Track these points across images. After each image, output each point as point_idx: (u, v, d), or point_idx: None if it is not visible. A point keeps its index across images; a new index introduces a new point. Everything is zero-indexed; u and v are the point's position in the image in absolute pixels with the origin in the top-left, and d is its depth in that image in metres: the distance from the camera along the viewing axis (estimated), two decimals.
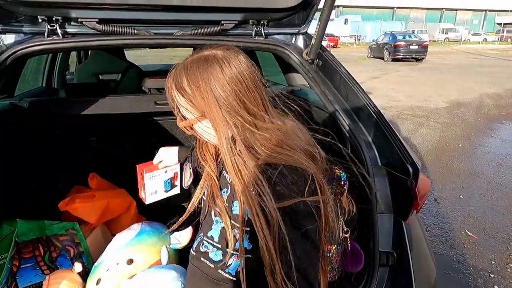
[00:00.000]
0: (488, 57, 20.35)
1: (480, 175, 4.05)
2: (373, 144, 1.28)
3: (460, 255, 2.61)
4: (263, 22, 1.45)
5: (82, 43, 1.31)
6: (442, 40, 38.51)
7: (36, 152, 1.89)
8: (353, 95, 1.37)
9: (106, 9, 1.28)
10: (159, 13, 1.36)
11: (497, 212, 3.23)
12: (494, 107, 7.55)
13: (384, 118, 1.27)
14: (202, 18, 1.39)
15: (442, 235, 2.87)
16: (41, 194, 1.81)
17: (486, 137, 5.48)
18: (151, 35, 1.35)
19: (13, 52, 1.21)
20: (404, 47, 17.55)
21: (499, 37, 39.39)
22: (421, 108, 7.43)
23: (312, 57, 1.43)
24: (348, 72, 1.43)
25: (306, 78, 1.47)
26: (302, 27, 1.52)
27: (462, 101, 8.13)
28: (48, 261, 1.46)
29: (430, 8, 49.59)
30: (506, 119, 6.53)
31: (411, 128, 5.94)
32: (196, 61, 0.79)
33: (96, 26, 1.28)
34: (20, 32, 1.27)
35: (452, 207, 3.31)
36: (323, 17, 1.30)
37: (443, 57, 20.30)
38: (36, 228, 1.49)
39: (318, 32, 1.35)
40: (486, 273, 2.42)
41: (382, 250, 1.11)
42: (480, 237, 2.85)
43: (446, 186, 3.77)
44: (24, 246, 1.44)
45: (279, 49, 1.47)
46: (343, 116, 1.34)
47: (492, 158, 4.60)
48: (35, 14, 1.22)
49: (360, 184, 1.12)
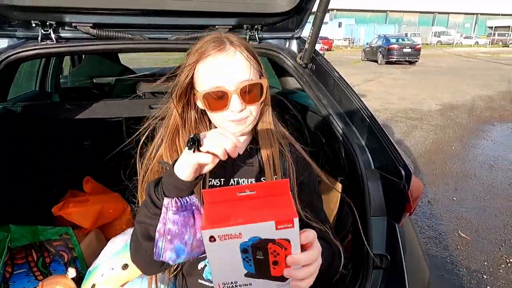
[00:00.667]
0: (480, 60, 20.62)
1: (473, 177, 4.09)
2: (366, 148, 1.29)
3: (454, 257, 2.63)
4: (257, 26, 1.46)
5: (76, 48, 1.30)
6: (435, 43, 38.97)
7: (30, 154, 1.88)
8: (346, 99, 1.39)
9: (100, 13, 1.28)
10: (153, 18, 1.36)
11: (490, 213, 3.27)
12: (486, 109, 7.64)
13: (377, 121, 1.29)
14: (197, 22, 1.39)
15: (435, 236, 2.90)
16: (40, 194, 1.80)
17: (479, 139, 5.54)
18: (145, 40, 1.35)
19: (7, 57, 1.20)
20: (397, 50, 17.74)
21: (490, 40, 39.92)
22: (414, 110, 7.50)
23: (305, 61, 1.44)
24: (341, 76, 1.44)
25: (300, 82, 1.48)
26: (295, 32, 1.53)
27: (455, 103, 8.22)
28: (42, 266, 1.45)
29: (423, 11, 50.20)
30: (498, 121, 6.61)
31: (405, 130, 5.99)
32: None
33: (90, 31, 1.28)
34: (13, 36, 1.26)
35: (445, 209, 3.34)
36: (317, 21, 1.31)
37: (436, 60, 20.51)
38: (29, 233, 1.48)
39: (311, 37, 1.36)
40: (479, 274, 2.45)
41: (375, 252, 1.12)
42: (473, 238, 2.88)
43: (439, 188, 3.80)
44: (17, 252, 1.43)
45: (273, 54, 1.48)
46: (336, 119, 1.35)
47: (484, 160, 4.65)
48: (28, 18, 1.22)
49: (353, 186, 1.13)
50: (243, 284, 0.61)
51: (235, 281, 0.60)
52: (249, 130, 0.90)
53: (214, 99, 0.81)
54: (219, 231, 0.55)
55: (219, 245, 0.56)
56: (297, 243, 0.58)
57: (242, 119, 0.85)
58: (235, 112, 0.82)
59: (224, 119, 0.85)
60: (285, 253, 0.58)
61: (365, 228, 1.14)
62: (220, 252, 0.57)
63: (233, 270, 0.59)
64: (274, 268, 0.59)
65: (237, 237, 0.55)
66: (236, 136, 0.88)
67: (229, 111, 0.82)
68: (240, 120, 0.84)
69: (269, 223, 0.55)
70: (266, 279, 0.61)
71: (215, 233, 0.55)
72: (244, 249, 0.57)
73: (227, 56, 0.82)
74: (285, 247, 0.57)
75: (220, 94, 0.81)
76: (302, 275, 0.60)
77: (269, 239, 0.56)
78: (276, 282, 0.61)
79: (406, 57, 17.89)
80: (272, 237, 0.56)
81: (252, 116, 0.87)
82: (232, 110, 0.82)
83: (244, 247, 0.57)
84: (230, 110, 0.82)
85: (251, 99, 0.83)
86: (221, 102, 0.81)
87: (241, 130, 0.87)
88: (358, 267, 1.15)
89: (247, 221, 0.55)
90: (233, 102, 0.81)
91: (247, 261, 0.59)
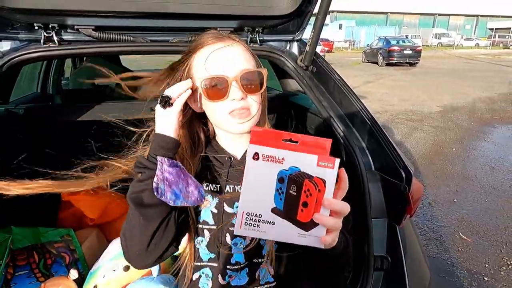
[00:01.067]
0: (481, 62, 20.62)
1: (474, 179, 4.09)
2: (366, 150, 1.30)
3: (454, 258, 2.63)
4: (258, 29, 1.46)
5: (78, 50, 1.31)
6: (435, 45, 38.98)
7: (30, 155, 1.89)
8: (347, 101, 1.39)
9: (102, 16, 1.29)
10: (155, 20, 1.37)
11: (491, 215, 3.27)
12: (487, 111, 7.64)
13: (378, 123, 1.29)
14: (198, 25, 1.40)
15: (436, 238, 2.90)
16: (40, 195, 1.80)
17: (479, 141, 5.54)
18: (147, 42, 1.36)
19: (9, 59, 1.21)
20: (398, 52, 17.75)
21: (491, 42, 39.93)
22: (415, 112, 7.50)
23: (306, 63, 1.45)
24: (341, 78, 1.45)
25: (301, 84, 1.48)
26: (296, 34, 1.54)
27: (456, 105, 8.23)
28: (43, 268, 1.46)
29: (423, 13, 50.25)
30: (498, 123, 6.61)
31: (405, 132, 5.99)
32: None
33: (92, 34, 1.29)
34: (16, 39, 1.27)
35: (446, 211, 3.34)
36: (317, 24, 1.32)
37: (437, 62, 20.53)
38: (31, 235, 1.48)
39: (312, 39, 1.37)
40: (480, 276, 2.45)
41: (376, 254, 1.12)
42: (474, 240, 2.87)
43: (440, 189, 3.80)
44: (18, 253, 1.43)
45: (274, 56, 1.49)
46: (337, 121, 1.36)
47: (485, 161, 4.65)
48: (31, 21, 1.23)
49: (354, 188, 1.13)
50: (266, 220, 0.60)
51: (259, 214, 0.59)
52: (250, 127, 0.85)
53: (213, 88, 0.80)
54: (265, 150, 0.57)
55: (259, 165, 0.57)
56: (332, 188, 0.59)
57: (244, 109, 0.82)
58: (236, 101, 0.80)
59: (225, 111, 0.82)
60: (317, 196, 0.58)
61: (365, 229, 1.15)
62: (258, 174, 0.58)
63: (263, 200, 0.59)
64: (302, 210, 0.59)
65: (279, 161, 0.57)
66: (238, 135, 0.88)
67: (229, 100, 0.80)
68: (241, 110, 0.82)
69: (313, 156, 0.58)
70: (290, 221, 0.60)
71: (260, 151, 0.57)
72: (281, 177, 0.58)
73: (226, 45, 0.82)
74: (319, 188, 0.58)
75: (220, 80, 0.80)
76: (331, 224, 0.60)
77: (308, 174, 0.58)
78: (298, 229, 0.60)
79: (407, 59, 17.91)
80: (310, 173, 0.58)
81: (254, 108, 0.84)
82: (233, 99, 0.80)
83: (281, 176, 0.58)
84: (230, 98, 0.80)
85: (251, 88, 0.82)
86: (221, 90, 0.80)
87: (244, 123, 0.83)
88: (358, 269, 1.15)
89: (292, 149, 0.57)
90: (233, 89, 0.80)
91: (279, 193, 0.59)
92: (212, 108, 0.84)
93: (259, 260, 0.92)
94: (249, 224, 0.59)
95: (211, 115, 0.87)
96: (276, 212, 0.59)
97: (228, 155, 0.92)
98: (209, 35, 0.85)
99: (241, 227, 0.59)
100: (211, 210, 0.90)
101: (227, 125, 0.85)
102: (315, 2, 1.35)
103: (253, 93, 0.83)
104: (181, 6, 1.30)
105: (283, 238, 0.61)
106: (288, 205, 0.59)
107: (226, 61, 0.81)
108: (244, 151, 0.92)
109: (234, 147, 0.93)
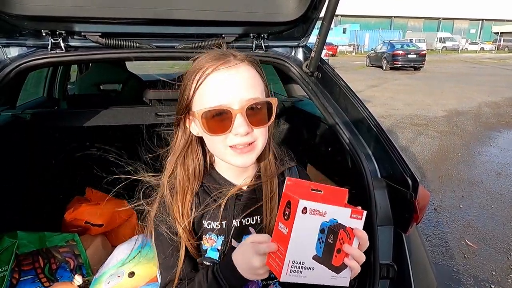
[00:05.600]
0: (486, 66, 20.52)
1: (480, 184, 4.05)
2: (372, 157, 1.29)
3: (461, 266, 2.60)
4: (264, 35, 1.47)
5: (85, 57, 1.32)
6: (440, 49, 38.88)
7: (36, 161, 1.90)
8: (352, 107, 1.39)
9: (109, 23, 1.30)
10: (160, 27, 1.38)
11: (497, 221, 3.23)
12: (492, 115, 7.59)
13: (384, 130, 1.28)
14: (203, 31, 1.41)
15: (442, 245, 2.87)
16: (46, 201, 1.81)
17: (485, 146, 5.50)
18: (153, 48, 1.36)
19: (17, 66, 1.22)
20: (402, 56, 17.72)
21: (496, 46, 39.75)
22: (420, 116, 7.47)
23: (311, 69, 1.44)
24: (347, 85, 1.45)
25: (306, 90, 1.48)
26: (301, 40, 1.54)
27: (461, 109, 8.18)
28: (48, 273, 1.46)
29: (428, 17, 50.18)
30: (504, 128, 6.56)
31: (410, 136, 5.96)
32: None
33: (99, 40, 1.30)
34: (23, 45, 1.29)
35: (452, 217, 3.31)
36: (323, 31, 1.32)
37: (441, 66, 20.45)
38: (37, 240, 1.49)
39: (317, 45, 1.37)
40: (487, 284, 2.41)
41: (382, 262, 1.11)
42: (480, 247, 2.84)
43: (446, 195, 3.77)
44: (24, 258, 1.43)
45: (279, 62, 1.49)
46: (342, 128, 1.35)
47: (491, 167, 4.61)
48: (38, 28, 1.24)
49: (360, 196, 1.12)
50: (308, 267, 0.66)
51: (302, 262, 0.66)
52: (254, 161, 0.77)
53: (214, 120, 0.70)
54: (312, 205, 0.64)
55: (306, 219, 0.64)
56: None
57: (246, 146, 0.73)
58: (239, 136, 0.71)
59: (225, 146, 0.73)
60: (348, 242, 0.67)
61: (371, 237, 1.14)
62: (305, 225, 0.64)
63: (306, 249, 0.66)
64: (336, 256, 0.67)
65: (322, 215, 0.65)
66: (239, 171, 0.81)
67: (232, 134, 0.71)
68: (244, 148, 0.72)
69: (347, 209, 0.67)
70: (326, 266, 0.67)
71: (309, 206, 0.64)
72: (323, 229, 0.65)
73: (230, 71, 0.71)
74: (350, 236, 0.67)
75: (222, 112, 0.69)
76: (356, 267, 0.68)
77: (342, 225, 0.66)
78: (332, 272, 0.68)
79: (411, 63, 17.87)
80: (344, 223, 0.66)
81: (260, 141, 0.75)
82: (236, 133, 0.70)
83: (323, 227, 0.65)
84: (233, 133, 0.71)
85: (258, 121, 0.72)
86: (223, 123, 0.70)
87: (245, 162, 0.75)
88: (364, 277, 1.14)
89: (331, 203, 0.66)
90: (237, 123, 0.70)
91: (320, 241, 0.66)
92: (211, 139, 0.75)
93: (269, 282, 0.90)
94: (294, 271, 0.65)
95: (210, 145, 0.78)
96: (316, 258, 0.67)
97: (231, 186, 0.83)
98: (210, 56, 0.74)
99: (286, 274, 0.65)
100: (217, 248, 0.83)
101: (228, 159, 0.76)
102: (321, 9, 1.35)
103: (260, 126, 0.73)
104: (186, 12, 1.31)
105: (317, 281, 0.68)
106: (326, 252, 0.67)
107: (229, 90, 0.71)
108: (250, 180, 0.84)
109: (237, 177, 0.84)
